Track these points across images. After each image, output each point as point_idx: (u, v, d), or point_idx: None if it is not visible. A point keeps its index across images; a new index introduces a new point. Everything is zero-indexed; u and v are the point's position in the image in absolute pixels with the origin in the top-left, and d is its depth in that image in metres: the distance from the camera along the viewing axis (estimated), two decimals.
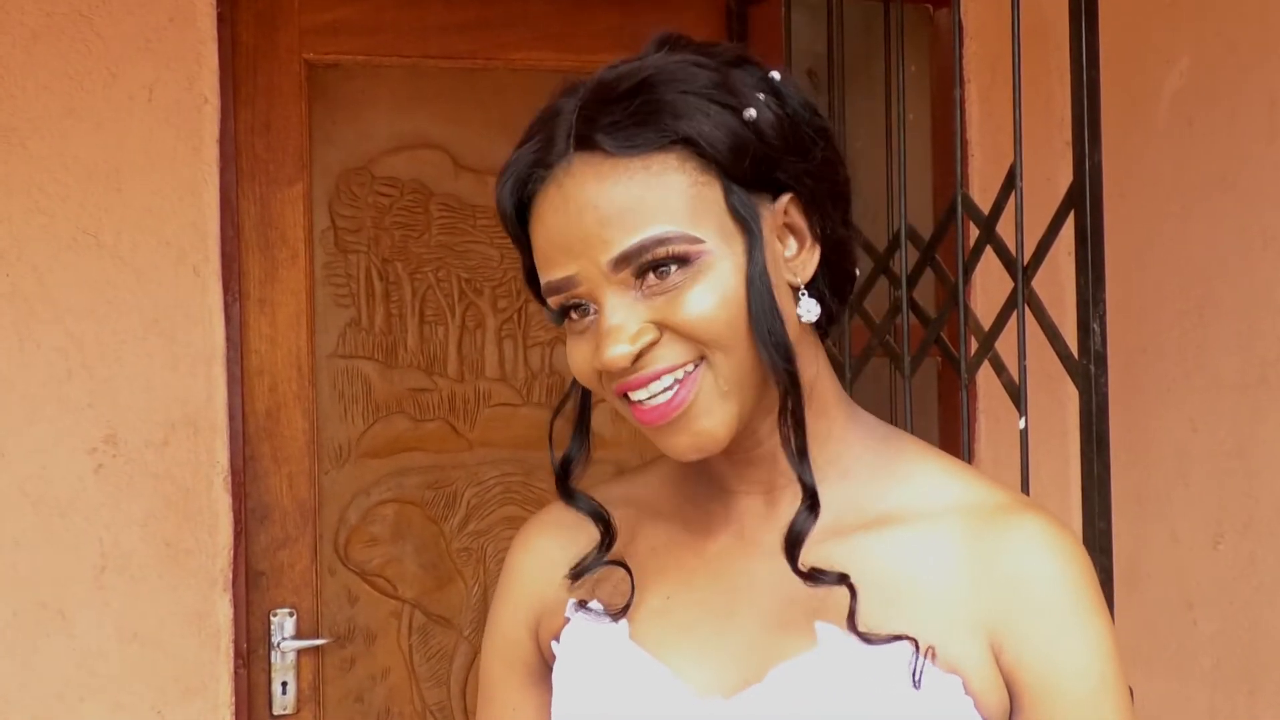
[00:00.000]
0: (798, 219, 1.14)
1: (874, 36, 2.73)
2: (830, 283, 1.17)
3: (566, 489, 1.23)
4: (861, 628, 1.11)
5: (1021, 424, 2.15)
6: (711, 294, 1.08)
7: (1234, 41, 2.64)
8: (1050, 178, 2.81)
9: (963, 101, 2.88)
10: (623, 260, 1.07)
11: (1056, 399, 2.83)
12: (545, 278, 1.12)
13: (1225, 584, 2.65)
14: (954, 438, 2.94)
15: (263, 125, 2.77)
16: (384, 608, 2.87)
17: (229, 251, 2.70)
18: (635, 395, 1.10)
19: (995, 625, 1.12)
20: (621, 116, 1.08)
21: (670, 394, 1.09)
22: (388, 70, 2.88)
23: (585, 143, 1.09)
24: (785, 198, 1.13)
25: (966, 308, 2.30)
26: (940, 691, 1.10)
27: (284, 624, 2.77)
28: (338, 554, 2.84)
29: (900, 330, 2.46)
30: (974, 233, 2.30)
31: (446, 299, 2.90)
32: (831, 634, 1.12)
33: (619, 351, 1.08)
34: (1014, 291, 2.17)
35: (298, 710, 2.78)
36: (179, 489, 2.63)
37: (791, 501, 1.15)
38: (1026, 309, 2.16)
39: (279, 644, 2.76)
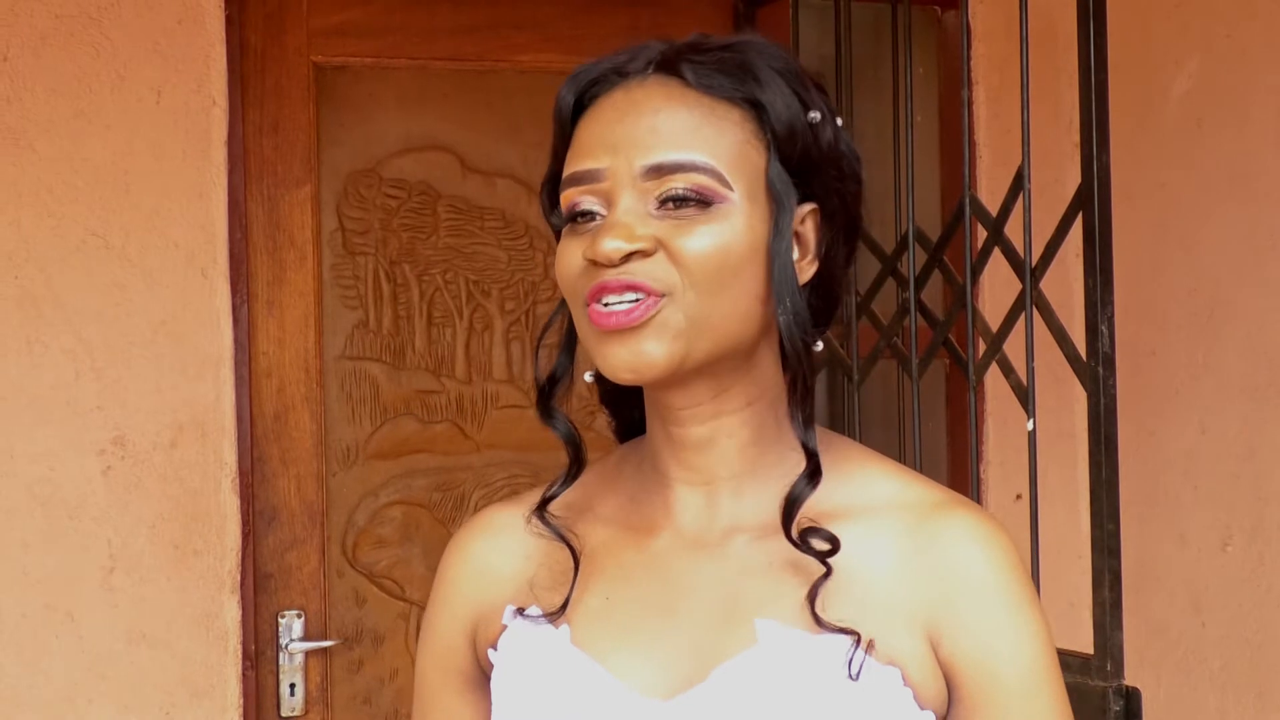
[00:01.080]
0: (811, 231, 1.18)
1: (882, 38, 2.73)
2: (816, 303, 1.20)
3: (547, 408, 1.24)
4: (817, 610, 1.13)
5: (1029, 426, 2.15)
6: (718, 237, 1.11)
7: (1242, 43, 2.63)
8: (1058, 179, 2.81)
9: (971, 103, 2.88)
10: (656, 170, 1.11)
11: (1064, 401, 2.83)
12: (574, 167, 1.15)
13: (1234, 586, 2.65)
14: (962, 439, 2.94)
15: (271, 127, 2.77)
16: (392, 609, 2.87)
17: (237, 253, 2.71)
18: (606, 298, 1.11)
19: (933, 617, 1.15)
20: (709, 60, 1.15)
21: (634, 306, 1.10)
22: (396, 72, 2.88)
23: (667, 66, 1.15)
24: (809, 206, 1.17)
25: (974, 309, 2.30)
26: (879, 683, 1.12)
27: (292, 626, 2.77)
28: (346, 556, 2.85)
29: (908, 332, 2.45)
30: (982, 234, 2.30)
31: (454, 301, 2.90)
32: (771, 630, 1.14)
33: (616, 244, 1.10)
34: (1022, 293, 2.17)
35: (306, 712, 2.78)
36: (187, 491, 2.63)
37: (731, 497, 1.19)
38: (1034, 311, 2.16)
39: (287, 645, 2.76)
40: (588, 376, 1.23)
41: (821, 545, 1.13)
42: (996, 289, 2.73)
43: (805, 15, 2.68)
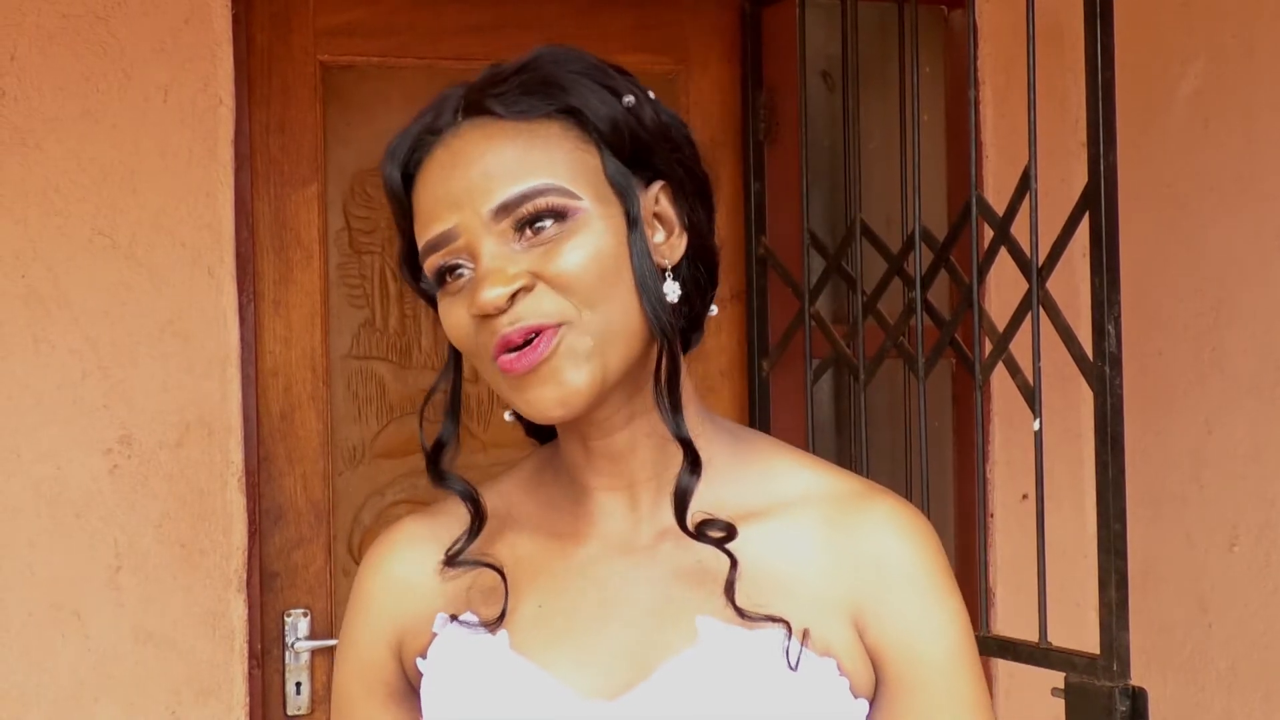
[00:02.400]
0: (667, 207, 1.19)
1: (888, 38, 2.73)
2: (694, 274, 1.21)
3: (438, 471, 1.27)
4: (740, 611, 1.14)
5: (1036, 425, 2.15)
6: (584, 249, 1.12)
7: (1250, 42, 2.63)
8: (1065, 179, 2.81)
9: (977, 103, 2.88)
10: (504, 209, 1.12)
11: (1071, 401, 2.83)
12: (426, 236, 1.16)
13: (1240, 586, 2.65)
14: (968, 439, 2.94)
15: (278, 126, 2.78)
16: None
17: (244, 253, 2.71)
18: (509, 353, 1.12)
19: (858, 604, 1.18)
20: (510, 88, 1.16)
21: (534, 345, 1.11)
22: (402, 72, 2.88)
23: (475, 108, 1.17)
24: (657, 185, 1.19)
25: (981, 309, 2.30)
26: (817, 674, 1.15)
27: (298, 624, 2.77)
28: (352, 555, 2.85)
29: (914, 332, 2.46)
30: (988, 234, 2.30)
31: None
32: (712, 627, 1.15)
33: (495, 293, 1.11)
34: (1028, 293, 2.17)
35: (312, 711, 2.79)
36: (193, 490, 2.63)
37: (653, 498, 1.20)
38: (1041, 310, 2.16)
39: (293, 644, 2.77)
40: (507, 416, 1.24)
41: (717, 534, 1.15)
42: (1003, 289, 2.73)
43: (812, 14, 2.68)
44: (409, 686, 1.28)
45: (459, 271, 1.15)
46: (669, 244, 1.19)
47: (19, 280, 2.57)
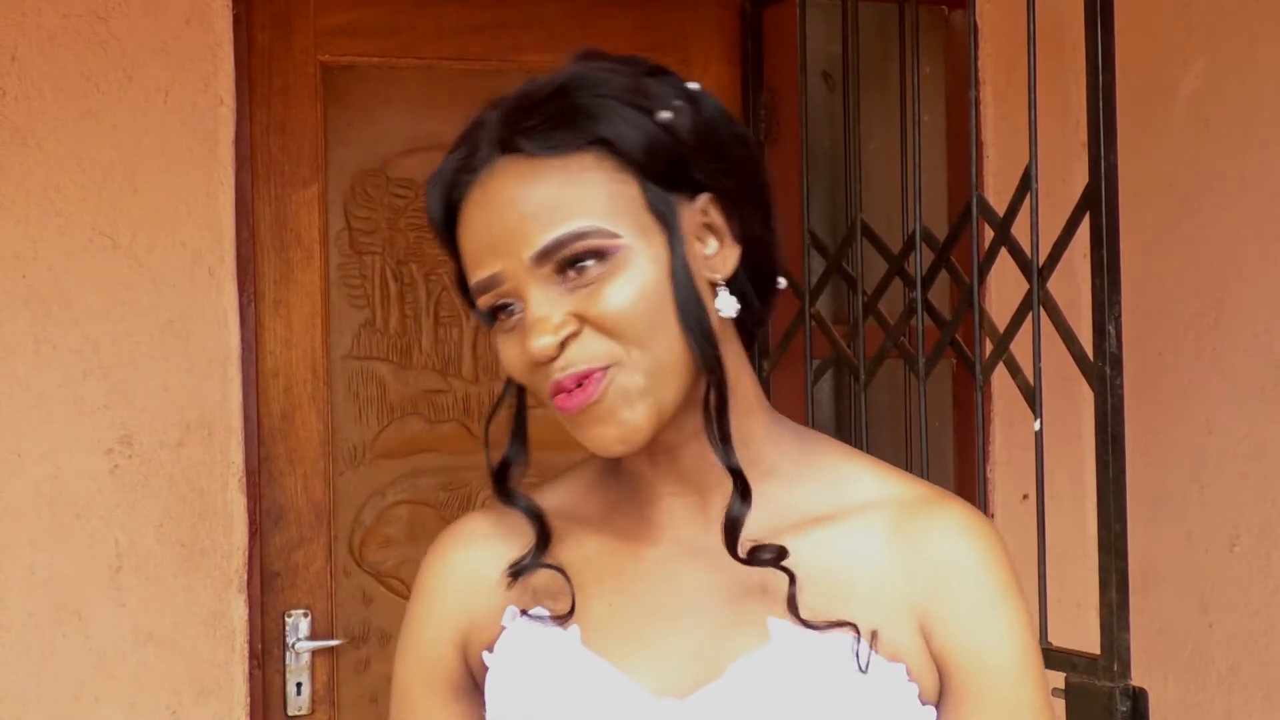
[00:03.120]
0: (716, 218, 1.17)
1: (889, 38, 2.73)
2: (752, 281, 1.20)
3: (505, 490, 1.24)
4: (804, 614, 1.14)
5: (1036, 426, 2.15)
6: (628, 287, 1.11)
7: (1251, 42, 2.63)
8: (1066, 179, 2.80)
9: (978, 103, 2.87)
10: (543, 255, 1.11)
11: (1071, 401, 2.82)
12: (473, 279, 1.16)
13: (1241, 587, 2.64)
14: (968, 439, 2.94)
15: (278, 127, 2.78)
16: (399, 609, 2.83)
17: (244, 253, 2.71)
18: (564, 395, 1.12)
19: (924, 610, 1.17)
20: (540, 121, 1.13)
21: (587, 384, 1.11)
22: (403, 72, 2.88)
23: (507, 146, 1.14)
24: (704, 197, 1.16)
25: (981, 310, 2.30)
26: (887, 678, 1.14)
27: (299, 625, 2.77)
28: (352, 555, 2.85)
29: (915, 332, 2.45)
30: (989, 234, 2.30)
31: (461, 300, 2.90)
32: (783, 629, 1.15)
33: (544, 343, 1.11)
34: (1029, 293, 2.17)
35: (312, 711, 2.78)
36: (194, 490, 2.63)
37: (722, 501, 1.18)
38: (1042, 311, 2.16)
39: (294, 645, 2.76)
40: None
41: (768, 557, 1.14)
42: (1003, 289, 2.73)
43: (812, 15, 2.67)
44: (472, 682, 1.27)
45: (510, 309, 1.14)
46: (720, 256, 1.17)
47: (20, 280, 2.57)
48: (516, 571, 1.23)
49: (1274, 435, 2.58)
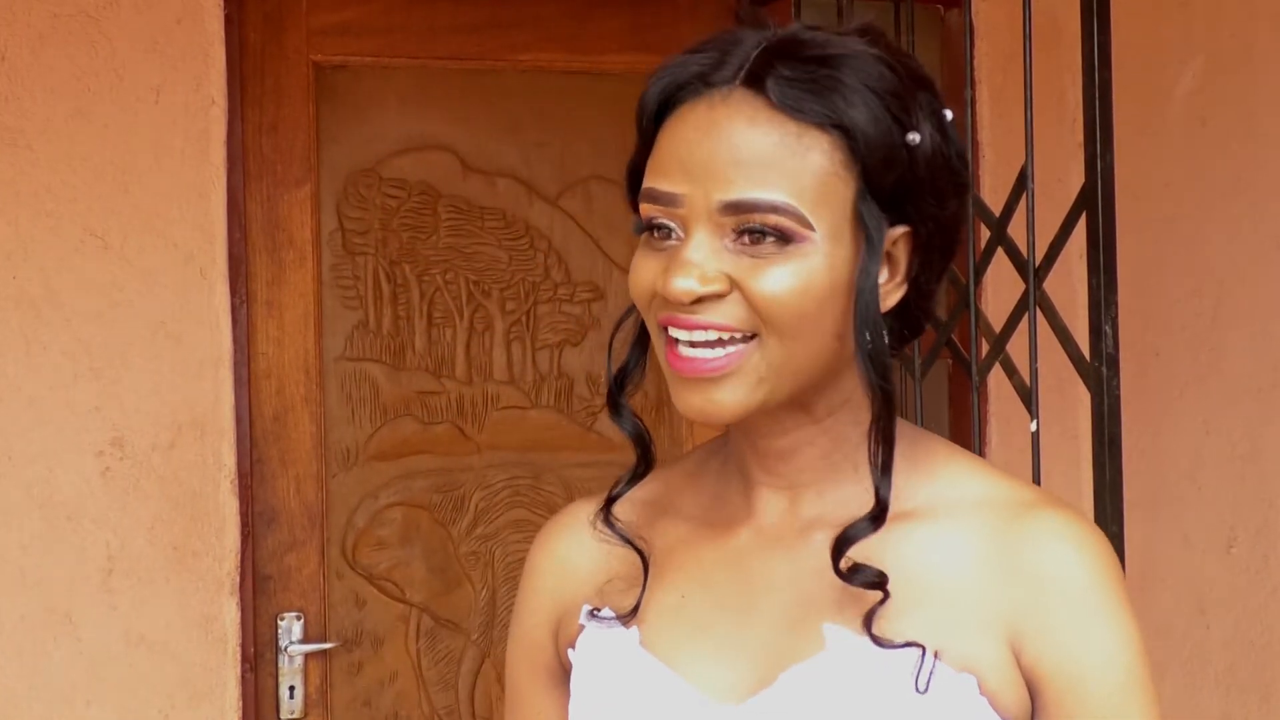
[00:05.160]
0: (902, 254, 1.12)
1: None
2: (901, 325, 1.16)
3: (616, 405, 1.20)
4: (876, 629, 1.09)
5: (1033, 426, 2.13)
6: (795, 278, 1.06)
7: (1248, 41, 2.62)
8: (1062, 179, 2.80)
9: (974, 102, 2.86)
10: (732, 207, 1.06)
11: (1068, 401, 2.82)
12: (652, 184, 1.10)
13: (1238, 588, 2.64)
14: (965, 440, 2.92)
15: (270, 127, 2.76)
16: (392, 611, 2.86)
17: (236, 254, 2.70)
18: (675, 333, 1.08)
19: (1015, 623, 1.11)
20: (800, 76, 1.07)
21: (716, 355, 1.08)
22: (396, 71, 2.87)
23: (754, 81, 1.07)
24: (901, 229, 1.11)
25: (977, 310, 2.29)
26: (951, 692, 1.08)
27: (291, 628, 2.76)
28: (345, 557, 2.84)
29: None
30: (985, 234, 2.28)
31: (455, 301, 2.89)
32: (840, 636, 1.11)
33: (686, 285, 1.06)
34: (1025, 293, 2.16)
35: (305, 714, 2.77)
36: (186, 492, 2.62)
37: (813, 499, 1.16)
38: (1038, 311, 2.15)
39: (286, 648, 2.75)
40: None
41: (868, 580, 1.10)
42: (1000, 289, 2.72)
43: (807, 14, 2.66)
44: (566, 673, 1.25)
45: (668, 232, 1.09)
46: (886, 290, 1.12)
47: (10, 282, 2.56)
48: (610, 500, 1.21)
49: (1271, 435, 2.57)
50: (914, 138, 1.09)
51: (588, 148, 2.91)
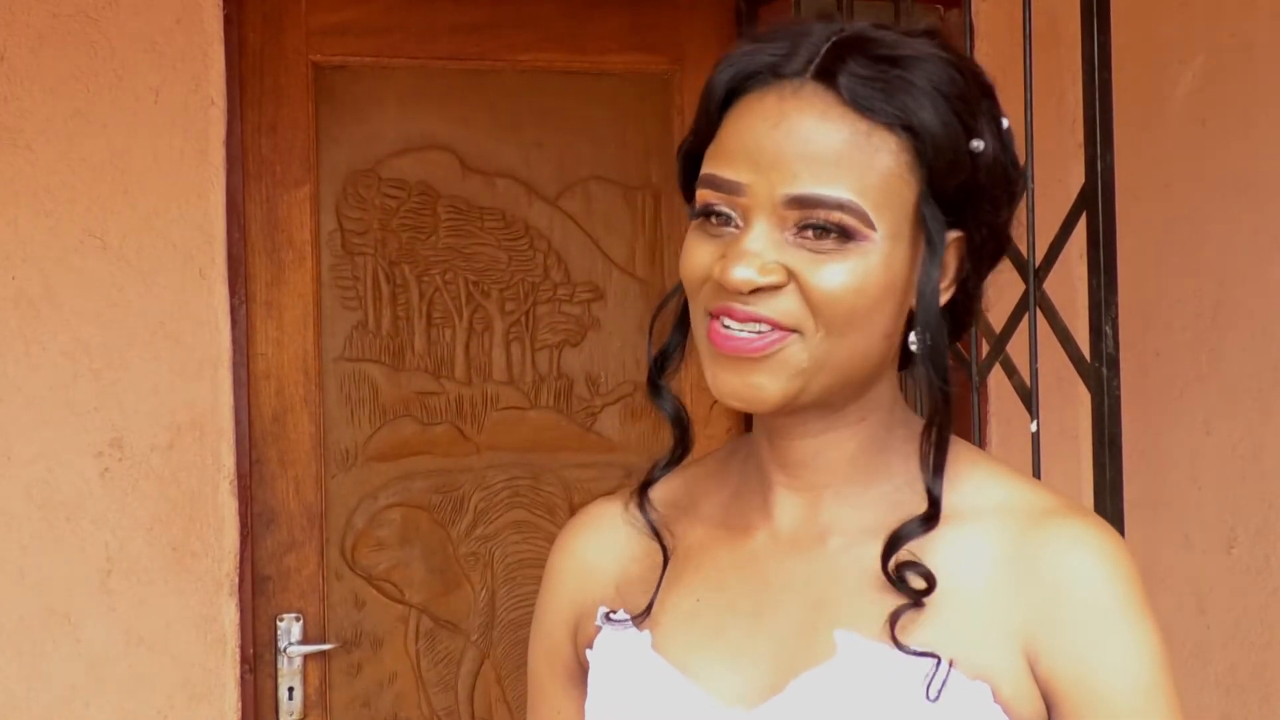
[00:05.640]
0: (953, 258, 1.13)
1: None
2: (949, 326, 1.17)
3: (656, 386, 1.19)
4: (897, 632, 1.08)
5: (1033, 427, 2.13)
6: (853, 276, 1.06)
7: (1248, 41, 2.62)
8: (1062, 179, 2.79)
9: None
10: (797, 202, 1.06)
11: (1068, 401, 2.81)
12: (714, 170, 1.10)
13: (1239, 588, 2.63)
14: (965, 441, 2.93)
15: (269, 127, 2.76)
16: (391, 612, 2.86)
17: (235, 254, 2.70)
18: (726, 323, 1.08)
19: (1032, 631, 1.09)
20: (872, 74, 1.07)
21: (758, 337, 1.07)
22: (395, 72, 2.87)
23: (826, 76, 1.08)
24: (955, 234, 1.12)
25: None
26: (964, 700, 1.07)
27: (291, 629, 2.76)
28: (344, 558, 2.83)
29: None
30: None
31: (454, 301, 2.89)
32: (851, 643, 1.10)
33: (745, 274, 1.06)
34: (1025, 294, 2.15)
35: (304, 716, 2.77)
36: (185, 493, 2.62)
37: (832, 503, 1.15)
38: (1038, 311, 2.15)
39: (285, 649, 2.75)
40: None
41: (918, 583, 1.09)
42: (1000, 289, 2.70)
43: (807, 14, 2.66)
44: (584, 672, 1.24)
45: (727, 220, 1.09)
46: None
47: (9, 282, 2.55)
48: (646, 484, 1.21)
49: (1271, 435, 2.57)
50: (978, 144, 1.10)
51: (587, 148, 2.91)
